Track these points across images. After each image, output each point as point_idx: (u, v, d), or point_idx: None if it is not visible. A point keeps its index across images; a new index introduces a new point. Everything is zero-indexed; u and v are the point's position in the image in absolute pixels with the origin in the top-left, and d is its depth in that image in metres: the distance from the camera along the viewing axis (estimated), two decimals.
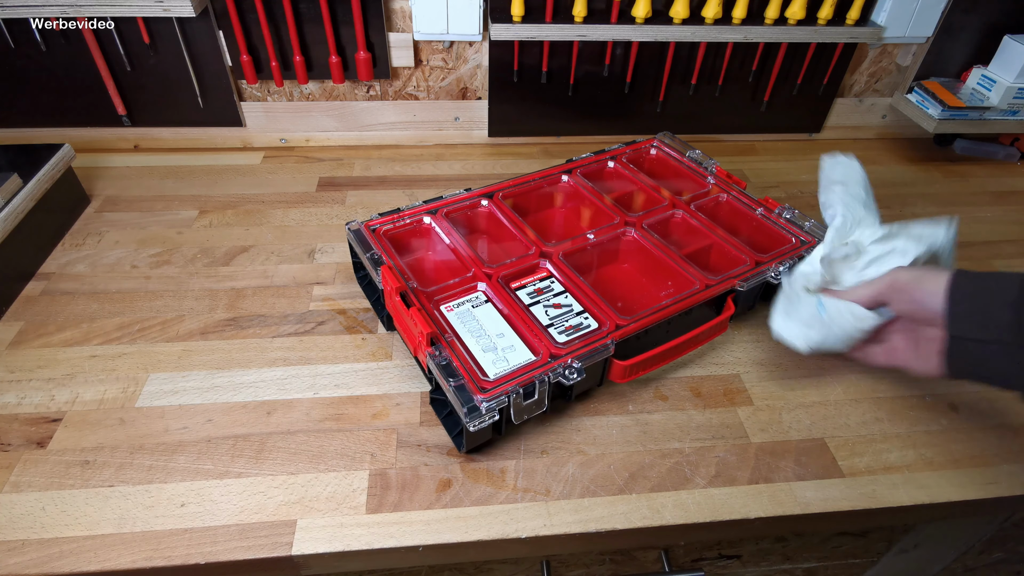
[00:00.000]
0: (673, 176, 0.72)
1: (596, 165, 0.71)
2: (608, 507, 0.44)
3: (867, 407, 0.52)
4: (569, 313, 0.51)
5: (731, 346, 0.57)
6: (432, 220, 0.61)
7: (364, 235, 0.58)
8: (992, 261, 0.69)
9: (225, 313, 0.58)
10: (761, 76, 0.84)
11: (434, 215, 0.61)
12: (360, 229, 0.58)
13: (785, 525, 0.46)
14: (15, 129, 0.79)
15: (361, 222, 0.59)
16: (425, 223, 0.61)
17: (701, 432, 0.50)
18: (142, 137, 0.82)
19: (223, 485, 0.44)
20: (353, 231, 0.58)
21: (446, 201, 0.62)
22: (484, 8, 0.75)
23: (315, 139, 0.85)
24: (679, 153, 0.72)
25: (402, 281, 0.51)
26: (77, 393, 0.50)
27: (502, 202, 0.63)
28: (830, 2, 0.75)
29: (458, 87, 0.83)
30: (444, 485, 0.45)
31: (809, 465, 0.48)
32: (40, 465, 0.45)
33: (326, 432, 0.48)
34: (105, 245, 0.66)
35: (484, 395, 0.43)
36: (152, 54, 0.74)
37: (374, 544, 0.41)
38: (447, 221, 0.60)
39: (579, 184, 0.67)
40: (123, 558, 0.40)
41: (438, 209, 0.61)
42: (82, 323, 0.56)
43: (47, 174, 0.64)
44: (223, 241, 0.67)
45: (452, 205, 0.62)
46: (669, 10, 0.75)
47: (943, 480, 0.47)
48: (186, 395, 0.50)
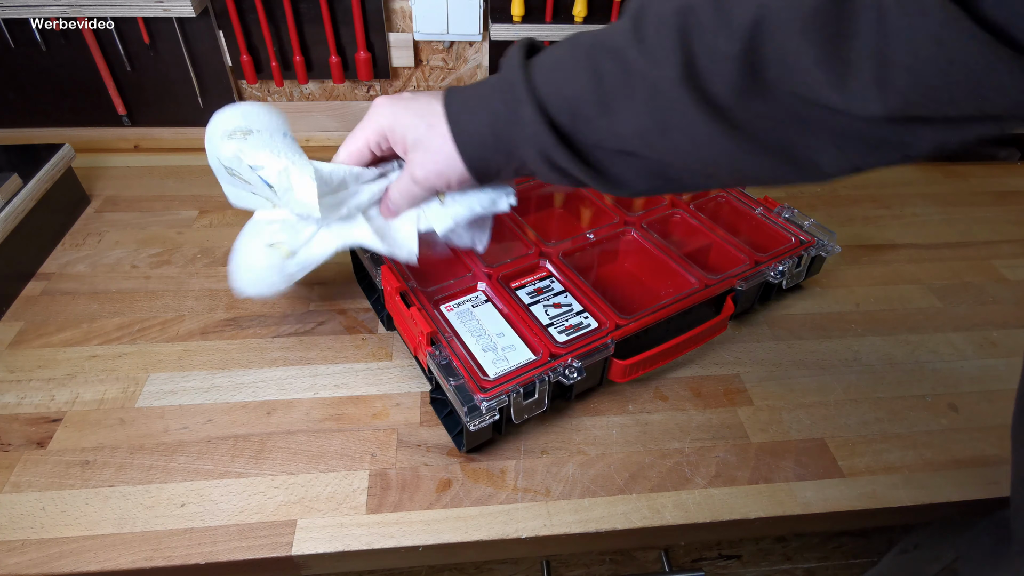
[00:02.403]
0: None
1: None
2: (608, 507, 0.44)
3: (867, 407, 0.52)
4: (569, 313, 0.51)
5: (731, 346, 0.57)
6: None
7: None
8: (992, 261, 0.69)
9: (225, 313, 0.58)
10: None
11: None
12: None
13: (785, 525, 0.46)
14: (15, 129, 0.79)
15: None
16: None
17: (701, 432, 0.50)
18: (142, 137, 0.82)
19: (223, 485, 0.44)
20: None
21: None
22: (484, 8, 0.75)
23: (315, 139, 0.85)
24: None
25: (402, 281, 0.51)
26: (77, 393, 0.50)
27: None
28: None
29: None
30: (444, 485, 0.45)
31: (809, 465, 0.48)
32: (40, 465, 0.45)
33: (326, 432, 0.48)
34: (105, 245, 0.66)
35: (484, 394, 0.43)
36: (152, 54, 0.74)
37: (374, 544, 0.41)
38: None
39: None
40: (123, 558, 0.40)
41: None
42: (82, 323, 0.56)
43: (47, 174, 0.64)
44: (223, 241, 0.67)
45: None
46: None
47: (943, 480, 0.47)
48: (186, 395, 0.50)
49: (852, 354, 0.57)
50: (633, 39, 0.32)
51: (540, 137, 0.36)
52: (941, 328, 0.60)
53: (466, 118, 0.39)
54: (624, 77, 0.33)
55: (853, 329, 0.59)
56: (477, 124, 0.38)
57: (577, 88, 0.34)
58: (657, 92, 0.32)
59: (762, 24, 0.28)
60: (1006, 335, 0.60)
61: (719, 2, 0.29)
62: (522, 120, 0.36)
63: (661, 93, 0.31)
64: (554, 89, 0.36)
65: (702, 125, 0.31)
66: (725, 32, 0.29)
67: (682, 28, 0.30)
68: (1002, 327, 0.60)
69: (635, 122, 0.33)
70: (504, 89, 0.37)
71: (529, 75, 0.36)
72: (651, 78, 0.32)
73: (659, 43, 0.31)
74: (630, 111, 0.33)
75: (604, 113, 0.34)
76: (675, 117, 0.32)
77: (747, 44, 0.28)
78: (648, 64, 0.31)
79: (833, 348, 0.57)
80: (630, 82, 0.33)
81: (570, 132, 0.36)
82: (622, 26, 0.33)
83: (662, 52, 0.31)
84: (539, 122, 0.36)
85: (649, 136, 0.33)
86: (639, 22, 0.32)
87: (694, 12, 0.30)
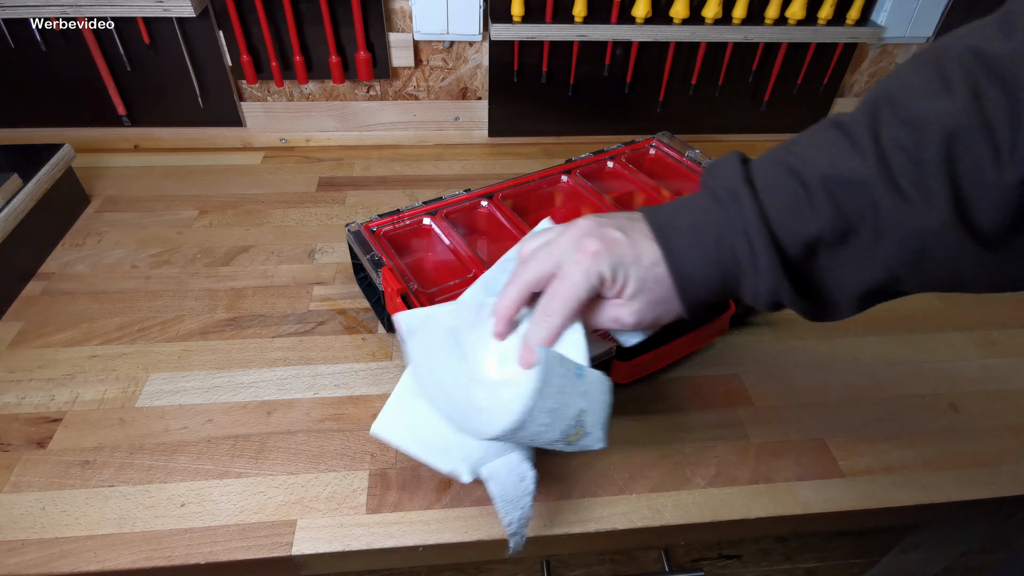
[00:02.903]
0: (673, 176, 0.72)
1: (595, 165, 0.71)
2: (608, 507, 0.44)
3: (867, 407, 0.52)
4: None
5: (731, 346, 0.57)
6: (432, 221, 0.61)
7: (364, 236, 0.57)
8: None
9: (225, 313, 0.58)
10: (761, 76, 0.84)
11: (434, 216, 0.61)
12: (360, 230, 0.58)
13: (785, 525, 0.46)
14: (15, 129, 0.79)
15: (361, 223, 0.59)
16: (425, 224, 0.61)
17: (701, 432, 0.50)
18: (142, 137, 0.82)
19: (223, 485, 0.44)
20: (353, 232, 0.58)
21: (446, 202, 0.62)
22: (484, 8, 0.75)
23: (315, 139, 0.85)
24: (678, 153, 0.72)
25: (403, 283, 0.51)
26: (77, 393, 0.50)
27: (502, 202, 0.63)
28: (830, 2, 0.75)
29: (458, 87, 0.83)
30: (444, 485, 0.45)
31: (809, 465, 0.48)
32: (40, 465, 0.45)
33: (326, 432, 0.48)
34: (105, 245, 0.66)
35: None
36: (152, 54, 0.74)
37: (374, 544, 0.41)
38: (447, 222, 0.60)
39: (578, 184, 0.67)
40: (123, 558, 0.40)
41: (438, 210, 0.61)
42: (82, 323, 0.56)
43: (47, 174, 0.64)
44: (223, 241, 0.67)
45: (452, 206, 0.62)
46: (669, 10, 0.75)
47: (943, 480, 0.47)
48: (186, 395, 0.50)
49: (852, 354, 0.57)
50: (879, 172, 0.29)
51: (778, 288, 0.33)
52: (941, 328, 0.60)
53: (690, 262, 0.34)
54: (874, 216, 0.29)
55: (853, 329, 0.59)
56: (705, 269, 0.34)
57: (815, 228, 0.31)
58: (918, 234, 0.28)
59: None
60: (1006, 335, 0.60)
61: (991, 127, 0.26)
62: (759, 269, 0.33)
63: (923, 235, 0.28)
64: (790, 232, 0.32)
65: (971, 258, 0.28)
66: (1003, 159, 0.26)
67: (948, 159, 0.27)
68: (1002, 327, 0.60)
69: (885, 265, 0.30)
70: (733, 228, 0.33)
71: (763, 212, 0.32)
72: (909, 219, 0.28)
73: (918, 178, 0.28)
74: (881, 255, 0.30)
75: (850, 257, 0.31)
76: (940, 255, 0.28)
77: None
78: (905, 204, 0.28)
79: (833, 348, 0.57)
80: (881, 223, 0.29)
81: (805, 273, 0.33)
82: (859, 148, 0.30)
83: (924, 189, 0.27)
84: (777, 271, 0.32)
85: (900, 275, 0.30)
86: (880, 143, 0.29)
87: (959, 139, 0.27)
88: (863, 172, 0.29)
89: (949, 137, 0.27)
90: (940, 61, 0.29)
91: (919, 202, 0.28)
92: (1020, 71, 0.26)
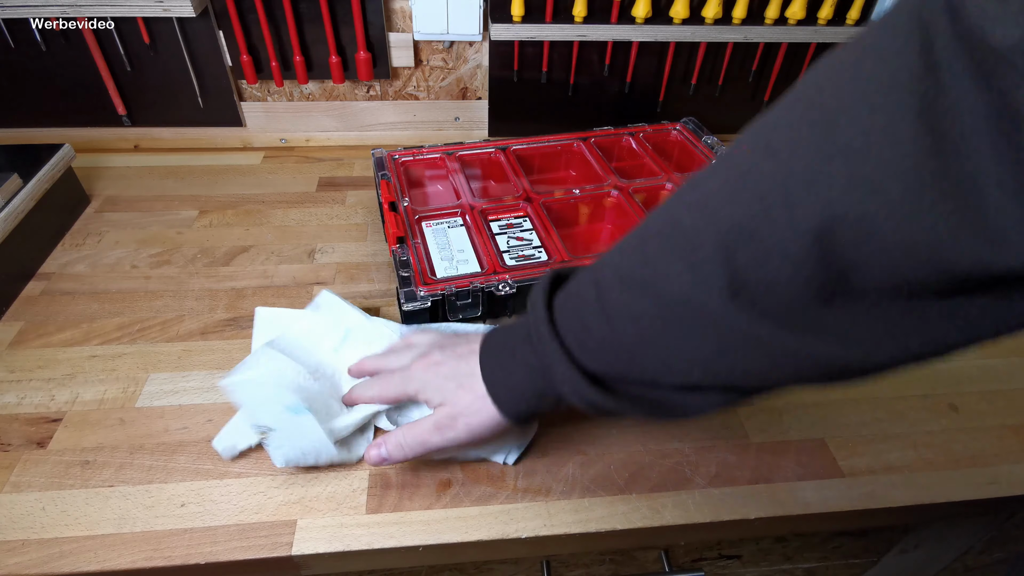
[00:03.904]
0: (682, 155, 0.76)
1: (614, 138, 0.75)
2: (608, 507, 0.44)
3: (867, 407, 0.52)
4: (527, 246, 0.58)
5: None
6: (445, 159, 0.69)
7: (385, 161, 0.67)
8: None
9: (225, 313, 0.58)
10: (761, 76, 0.84)
11: (449, 156, 0.69)
12: (383, 156, 0.68)
13: (785, 525, 0.46)
14: (15, 129, 0.79)
15: (386, 151, 0.68)
16: (437, 161, 0.70)
17: (701, 432, 0.50)
18: (142, 137, 0.82)
19: (223, 485, 0.44)
20: (377, 157, 0.68)
21: (464, 146, 0.71)
22: (484, 8, 0.75)
23: (315, 139, 0.85)
24: (696, 138, 0.74)
25: (396, 195, 0.60)
26: (77, 393, 0.50)
27: (511, 154, 0.70)
28: (830, 2, 0.75)
29: (458, 87, 0.83)
30: (444, 485, 0.45)
31: (809, 465, 0.48)
32: (40, 465, 0.45)
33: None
34: (105, 245, 0.66)
35: (425, 287, 0.52)
36: (152, 54, 0.74)
37: (374, 544, 0.41)
38: (457, 162, 0.69)
39: (587, 149, 0.72)
40: (123, 558, 0.40)
41: (454, 151, 0.70)
42: (82, 323, 0.56)
43: (47, 174, 0.64)
44: (223, 241, 0.67)
45: (468, 151, 0.71)
46: (669, 10, 0.75)
47: (943, 480, 0.47)
48: (186, 395, 0.50)
49: None
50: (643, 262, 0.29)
51: (583, 392, 0.33)
52: None
53: (501, 377, 0.38)
54: (660, 309, 0.29)
55: None
56: (515, 383, 0.37)
57: (606, 330, 0.31)
58: (704, 320, 0.27)
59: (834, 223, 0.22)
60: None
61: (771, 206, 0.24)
62: (558, 377, 0.34)
63: (708, 320, 0.27)
64: (580, 339, 0.33)
65: (768, 341, 0.26)
66: (788, 235, 0.24)
67: (724, 244, 0.26)
68: None
69: (687, 355, 0.29)
70: (534, 343, 0.35)
71: (554, 324, 0.34)
72: (693, 305, 0.27)
73: (696, 263, 0.27)
74: (677, 345, 0.29)
75: (644, 352, 0.31)
76: (733, 339, 0.27)
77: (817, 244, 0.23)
78: (684, 289, 0.27)
79: None
80: (670, 314, 0.29)
81: (609, 378, 0.33)
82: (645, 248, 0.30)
83: (700, 272, 0.27)
84: (577, 377, 0.33)
85: (708, 365, 0.29)
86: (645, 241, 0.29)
87: (738, 224, 0.25)
88: (639, 267, 0.30)
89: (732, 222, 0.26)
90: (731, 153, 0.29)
91: (695, 280, 0.27)
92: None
